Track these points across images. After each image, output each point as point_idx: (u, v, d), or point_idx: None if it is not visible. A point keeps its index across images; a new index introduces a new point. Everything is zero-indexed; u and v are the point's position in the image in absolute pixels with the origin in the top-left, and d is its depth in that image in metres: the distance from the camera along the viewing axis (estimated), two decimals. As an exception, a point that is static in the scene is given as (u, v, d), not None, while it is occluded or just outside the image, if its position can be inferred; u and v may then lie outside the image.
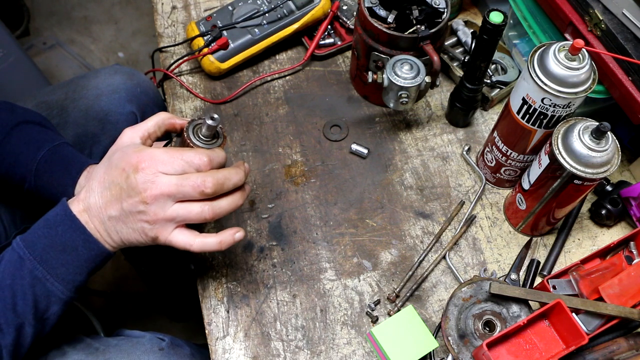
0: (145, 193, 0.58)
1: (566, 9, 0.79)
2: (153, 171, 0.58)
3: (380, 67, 0.87)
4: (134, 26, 2.14)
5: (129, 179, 0.58)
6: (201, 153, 0.60)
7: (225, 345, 0.75)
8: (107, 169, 0.61)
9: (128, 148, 0.61)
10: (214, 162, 0.60)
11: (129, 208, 0.59)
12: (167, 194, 0.58)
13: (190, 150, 0.60)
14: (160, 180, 0.58)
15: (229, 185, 0.61)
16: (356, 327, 0.76)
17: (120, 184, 0.59)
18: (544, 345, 0.67)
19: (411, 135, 0.93)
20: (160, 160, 0.58)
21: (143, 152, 0.59)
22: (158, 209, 0.59)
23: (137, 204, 0.59)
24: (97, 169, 0.63)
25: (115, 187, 0.59)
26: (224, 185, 0.60)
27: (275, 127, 0.93)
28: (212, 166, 0.60)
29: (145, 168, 0.58)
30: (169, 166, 0.58)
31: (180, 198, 0.59)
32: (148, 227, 0.60)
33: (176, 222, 0.61)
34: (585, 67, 0.65)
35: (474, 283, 0.71)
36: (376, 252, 0.82)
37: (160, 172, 0.58)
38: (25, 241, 0.61)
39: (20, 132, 0.74)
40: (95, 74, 0.94)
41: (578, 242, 0.84)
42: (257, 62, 1.00)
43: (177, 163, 0.58)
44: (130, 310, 1.56)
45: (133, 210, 0.59)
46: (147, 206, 0.58)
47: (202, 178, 0.59)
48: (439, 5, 0.84)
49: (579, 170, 0.66)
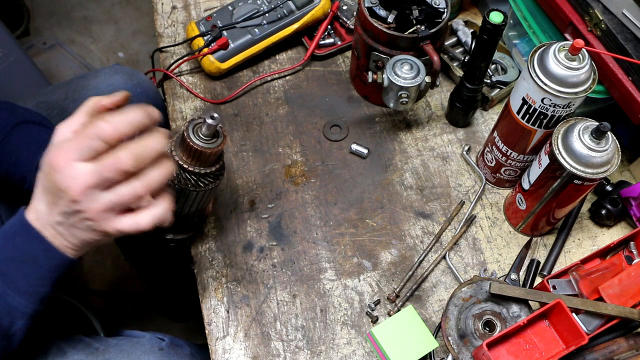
0: (70, 191, 0.53)
1: (566, 9, 0.79)
2: (67, 164, 0.52)
3: (380, 67, 0.87)
4: (134, 26, 2.14)
5: (53, 181, 0.53)
6: (101, 119, 0.53)
7: (225, 345, 0.75)
8: (40, 173, 0.56)
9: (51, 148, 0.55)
10: (120, 124, 0.53)
11: (65, 210, 0.55)
12: (91, 186, 0.53)
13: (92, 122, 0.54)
14: (77, 172, 0.52)
15: (150, 153, 0.54)
16: (356, 327, 0.76)
17: (49, 188, 0.55)
18: (544, 345, 0.67)
19: (411, 135, 0.93)
20: (67, 148, 0.53)
21: (58, 150, 0.53)
22: (90, 203, 0.54)
23: (70, 205, 0.54)
24: (39, 173, 0.57)
25: (48, 192, 0.55)
26: (143, 154, 0.54)
27: (275, 127, 0.93)
28: (120, 130, 0.53)
29: (59, 164, 0.52)
30: (77, 151, 0.52)
31: (107, 184, 0.53)
32: (92, 224, 0.55)
33: (114, 210, 0.55)
34: (585, 67, 0.65)
35: (474, 283, 0.71)
36: (376, 252, 0.82)
37: (73, 161, 0.52)
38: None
39: (21, 132, 0.74)
40: (95, 74, 0.94)
41: (578, 242, 0.84)
42: (257, 62, 1.00)
43: (82, 143, 0.52)
44: (130, 310, 1.56)
45: (70, 212, 0.55)
46: (79, 204, 0.54)
47: (116, 155, 0.52)
48: (439, 5, 0.84)
49: (579, 170, 0.66)
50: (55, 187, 0.53)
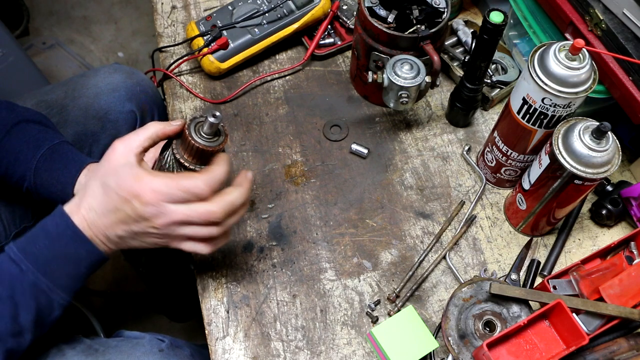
0: (156, 221, 0.60)
1: (566, 8, 0.79)
2: (158, 203, 0.59)
3: (380, 67, 0.87)
4: (134, 26, 2.13)
5: (137, 210, 0.59)
6: (198, 180, 0.60)
7: (225, 345, 0.75)
8: (106, 192, 0.61)
9: (124, 172, 0.60)
10: (213, 186, 0.61)
11: (139, 230, 0.61)
12: (178, 222, 0.61)
13: (186, 177, 0.60)
14: (168, 210, 0.60)
15: (236, 209, 0.64)
16: (356, 327, 0.76)
17: (126, 211, 0.60)
18: (545, 345, 0.67)
19: (411, 135, 0.93)
20: (160, 192, 0.59)
21: (142, 183, 0.59)
22: (169, 231, 0.62)
23: (148, 228, 0.61)
24: (94, 186, 0.62)
25: (120, 212, 0.60)
26: (231, 211, 0.63)
27: (275, 127, 0.93)
28: (213, 189, 0.61)
29: (149, 202, 0.59)
30: (169, 197, 0.59)
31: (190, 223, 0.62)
32: (160, 240, 0.63)
33: (187, 238, 0.63)
34: (586, 67, 0.65)
35: (474, 283, 0.71)
36: (376, 252, 0.82)
37: (163, 202, 0.59)
38: (25, 252, 0.61)
39: (20, 131, 0.74)
40: (95, 73, 0.94)
41: (578, 242, 0.84)
42: (257, 62, 1.00)
43: (177, 195, 0.59)
44: (130, 311, 1.56)
45: (144, 231, 0.62)
46: (158, 230, 0.61)
47: (209, 209, 0.61)
48: (439, 5, 0.84)
49: (579, 170, 0.66)
50: (139, 214, 0.60)
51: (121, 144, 0.63)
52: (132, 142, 0.62)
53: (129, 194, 0.59)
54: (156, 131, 0.63)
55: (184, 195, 0.60)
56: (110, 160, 0.62)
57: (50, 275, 0.61)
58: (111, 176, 0.61)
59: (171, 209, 0.60)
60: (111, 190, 0.60)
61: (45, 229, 0.63)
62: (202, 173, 0.61)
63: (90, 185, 0.63)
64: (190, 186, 0.60)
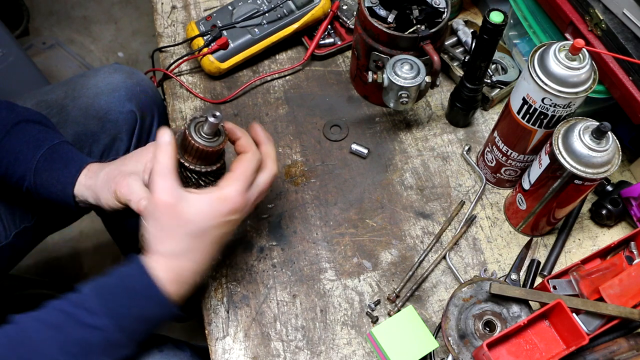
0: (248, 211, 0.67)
1: (566, 8, 0.79)
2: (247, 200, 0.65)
3: (380, 67, 0.87)
4: (134, 26, 2.13)
5: (238, 220, 0.65)
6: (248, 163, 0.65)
7: (225, 345, 0.75)
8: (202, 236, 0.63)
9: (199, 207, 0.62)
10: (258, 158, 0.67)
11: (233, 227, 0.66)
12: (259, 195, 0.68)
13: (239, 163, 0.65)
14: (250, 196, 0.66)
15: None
16: (356, 327, 0.76)
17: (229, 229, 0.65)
18: (545, 345, 0.67)
19: (411, 135, 0.93)
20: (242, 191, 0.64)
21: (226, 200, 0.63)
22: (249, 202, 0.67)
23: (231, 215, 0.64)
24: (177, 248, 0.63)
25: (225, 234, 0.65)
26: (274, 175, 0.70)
27: (275, 127, 0.93)
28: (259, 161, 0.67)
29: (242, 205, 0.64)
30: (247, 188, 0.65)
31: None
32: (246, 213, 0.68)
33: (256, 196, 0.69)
34: (586, 67, 0.65)
35: (474, 283, 0.71)
36: (376, 252, 0.82)
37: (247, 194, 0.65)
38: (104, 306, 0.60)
39: (21, 131, 0.74)
40: (95, 73, 0.94)
41: (578, 242, 0.84)
42: (257, 62, 1.00)
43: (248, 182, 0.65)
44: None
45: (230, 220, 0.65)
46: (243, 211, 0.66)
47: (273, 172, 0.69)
48: (439, 5, 0.84)
49: (579, 170, 0.66)
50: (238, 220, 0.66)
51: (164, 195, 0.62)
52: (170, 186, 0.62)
53: (226, 215, 0.63)
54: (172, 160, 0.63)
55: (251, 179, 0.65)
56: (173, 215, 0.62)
57: (130, 335, 0.62)
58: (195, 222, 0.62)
59: (251, 193, 0.65)
60: (208, 230, 0.63)
61: (126, 287, 0.62)
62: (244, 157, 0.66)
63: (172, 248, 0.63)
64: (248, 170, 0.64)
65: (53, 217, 0.95)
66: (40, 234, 0.96)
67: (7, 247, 0.85)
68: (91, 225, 1.63)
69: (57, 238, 1.60)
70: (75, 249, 1.65)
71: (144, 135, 0.96)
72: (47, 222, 0.94)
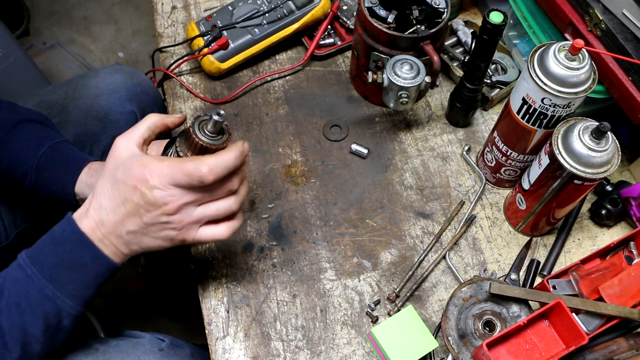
0: (167, 206, 0.58)
1: (566, 9, 0.79)
2: (165, 186, 0.57)
3: (380, 67, 0.87)
4: (134, 26, 2.14)
5: (145, 196, 0.57)
6: (201, 164, 0.57)
7: (225, 345, 0.75)
8: (114, 185, 0.59)
9: (130, 161, 0.59)
10: (217, 172, 0.57)
11: (151, 221, 0.59)
12: (187, 203, 0.58)
13: (190, 160, 0.58)
14: (176, 192, 0.57)
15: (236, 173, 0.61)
16: (356, 327, 0.76)
17: (135, 201, 0.58)
18: (544, 345, 0.67)
19: (411, 135, 0.93)
20: (166, 175, 0.57)
21: (149, 167, 0.57)
22: (184, 216, 0.59)
23: (160, 216, 0.59)
24: (102, 184, 0.60)
25: (129, 203, 0.58)
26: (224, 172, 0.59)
27: (275, 127, 0.93)
28: (216, 176, 0.57)
29: (156, 185, 0.57)
30: (173, 180, 0.57)
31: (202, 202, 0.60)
32: (174, 233, 0.60)
33: (202, 222, 0.61)
34: (585, 67, 0.65)
35: (474, 283, 0.71)
36: (376, 252, 0.82)
37: (171, 185, 0.57)
38: (32, 258, 0.60)
39: (22, 131, 0.74)
40: (96, 74, 0.94)
41: (578, 242, 0.84)
42: (257, 62, 1.00)
43: (180, 178, 0.57)
44: (130, 310, 1.56)
45: (156, 222, 0.59)
46: (171, 217, 0.59)
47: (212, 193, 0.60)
48: (439, 5, 0.84)
49: (579, 170, 0.66)
50: (148, 202, 0.57)
51: (121, 139, 0.61)
52: (131, 134, 0.61)
53: (136, 180, 0.57)
54: (154, 122, 0.62)
55: (187, 179, 0.57)
56: (115, 156, 0.60)
57: (56, 282, 0.60)
58: (118, 169, 0.59)
59: (179, 191, 0.57)
60: (119, 182, 0.58)
61: (52, 235, 0.62)
62: (209, 156, 0.58)
63: (98, 185, 0.61)
64: (192, 169, 0.56)
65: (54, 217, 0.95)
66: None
67: (7, 247, 0.86)
68: (91, 225, 1.63)
69: (58, 238, 1.60)
70: (75, 249, 1.64)
71: (144, 135, 0.96)
72: (47, 222, 0.94)
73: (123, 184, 0.58)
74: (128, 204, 0.58)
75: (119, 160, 0.60)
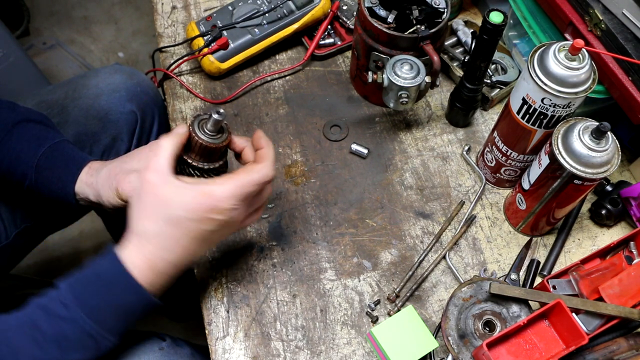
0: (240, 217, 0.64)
1: (566, 9, 0.79)
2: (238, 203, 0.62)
3: (380, 67, 0.87)
4: (134, 26, 2.14)
5: (220, 221, 0.62)
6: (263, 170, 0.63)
7: (225, 345, 0.75)
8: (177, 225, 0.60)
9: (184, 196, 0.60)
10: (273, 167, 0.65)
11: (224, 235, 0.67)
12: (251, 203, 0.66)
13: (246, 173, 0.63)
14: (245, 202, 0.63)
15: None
16: (356, 327, 0.76)
17: (208, 229, 0.62)
18: (544, 345, 0.67)
19: (411, 135, 0.93)
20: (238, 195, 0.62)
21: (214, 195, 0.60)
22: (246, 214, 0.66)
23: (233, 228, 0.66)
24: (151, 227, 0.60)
25: (200, 233, 0.61)
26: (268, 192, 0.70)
27: (275, 127, 0.93)
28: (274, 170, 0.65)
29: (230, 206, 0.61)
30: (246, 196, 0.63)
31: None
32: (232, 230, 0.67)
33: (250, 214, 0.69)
34: (585, 67, 0.65)
35: (474, 283, 0.71)
36: (376, 252, 0.82)
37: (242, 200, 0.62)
38: (76, 298, 0.59)
39: (22, 130, 0.74)
40: (96, 73, 0.94)
41: (578, 242, 0.84)
42: (257, 62, 1.00)
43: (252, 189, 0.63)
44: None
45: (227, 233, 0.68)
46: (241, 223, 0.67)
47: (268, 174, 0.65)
48: (439, 5, 0.84)
49: (579, 170, 0.66)
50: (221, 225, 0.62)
51: (153, 175, 0.61)
52: (162, 168, 0.61)
53: (204, 211, 0.60)
54: (173, 147, 0.62)
55: (257, 188, 0.63)
56: (156, 194, 0.60)
57: (102, 324, 0.60)
58: (172, 208, 0.60)
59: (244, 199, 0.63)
60: (181, 220, 0.60)
61: (97, 273, 0.61)
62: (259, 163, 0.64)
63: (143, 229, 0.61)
64: (259, 178, 0.63)
65: (53, 217, 0.95)
66: (40, 234, 0.96)
67: (7, 247, 0.85)
68: (91, 225, 1.63)
69: (57, 238, 1.60)
70: (75, 249, 1.65)
71: (144, 135, 0.96)
72: (47, 222, 0.94)
73: (188, 221, 0.60)
74: (199, 234, 0.61)
75: (165, 199, 0.60)
